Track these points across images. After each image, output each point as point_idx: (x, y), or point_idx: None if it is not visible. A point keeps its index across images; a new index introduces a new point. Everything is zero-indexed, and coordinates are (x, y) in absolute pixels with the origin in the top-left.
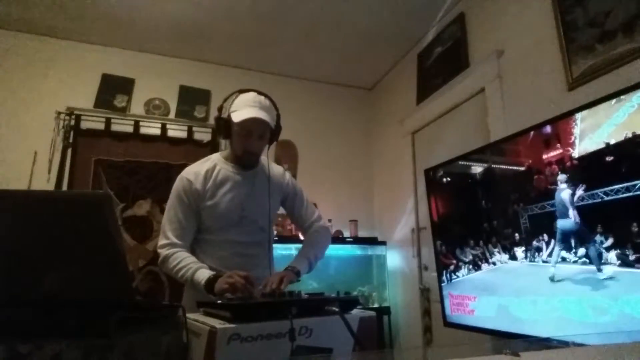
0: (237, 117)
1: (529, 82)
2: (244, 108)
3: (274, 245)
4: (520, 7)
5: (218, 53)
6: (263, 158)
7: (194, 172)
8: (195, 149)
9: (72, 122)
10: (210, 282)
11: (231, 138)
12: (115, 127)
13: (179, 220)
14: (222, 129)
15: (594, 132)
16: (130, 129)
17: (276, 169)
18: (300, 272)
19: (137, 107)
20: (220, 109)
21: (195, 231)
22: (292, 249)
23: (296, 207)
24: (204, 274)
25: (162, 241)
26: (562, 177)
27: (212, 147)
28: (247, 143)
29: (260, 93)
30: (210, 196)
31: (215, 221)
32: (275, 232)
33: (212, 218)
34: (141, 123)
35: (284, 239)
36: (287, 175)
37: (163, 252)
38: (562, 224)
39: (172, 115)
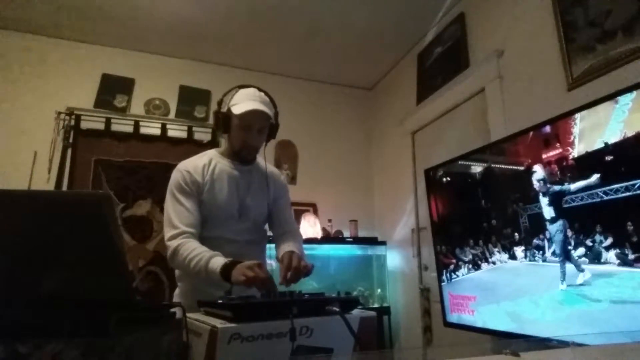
0: (237, 109)
1: (529, 82)
2: (245, 101)
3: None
4: (520, 7)
5: (218, 53)
6: (260, 158)
7: (192, 165)
8: (195, 149)
9: (72, 122)
10: (227, 268)
11: (230, 133)
12: (115, 127)
13: (187, 209)
14: (221, 123)
15: (593, 131)
16: (130, 129)
17: (273, 168)
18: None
19: (137, 107)
20: (220, 103)
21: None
22: None
23: (282, 208)
24: (219, 261)
25: (169, 232)
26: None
27: (212, 147)
28: (247, 136)
29: (259, 89)
30: (209, 189)
31: (213, 215)
32: (269, 232)
33: (210, 211)
34: (141, 123)
35: None
36: (283, 176)
37: (173, 243)
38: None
39: (172, 115)
